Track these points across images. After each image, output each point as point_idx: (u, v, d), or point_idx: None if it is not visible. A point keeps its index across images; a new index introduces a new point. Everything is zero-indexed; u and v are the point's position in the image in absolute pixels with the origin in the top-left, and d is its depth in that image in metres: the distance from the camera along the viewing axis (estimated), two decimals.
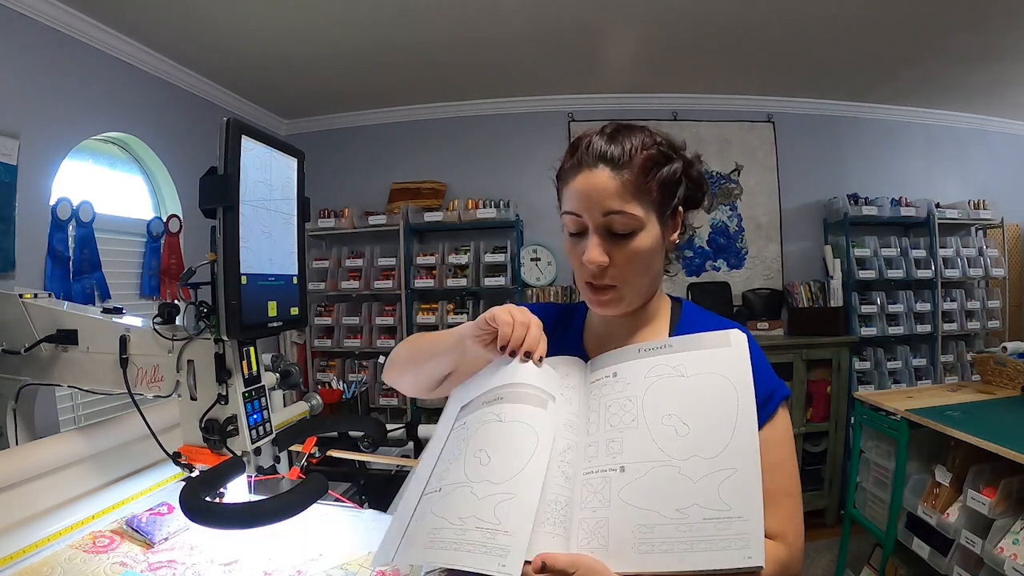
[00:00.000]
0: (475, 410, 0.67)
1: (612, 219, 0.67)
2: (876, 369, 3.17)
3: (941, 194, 3.44)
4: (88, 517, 1.03)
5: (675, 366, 0.66)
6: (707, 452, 0.59)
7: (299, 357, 3.31)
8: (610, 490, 0.59)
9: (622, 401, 0.65)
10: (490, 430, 0.63)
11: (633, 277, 0.70)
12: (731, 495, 0.57)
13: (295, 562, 0.91)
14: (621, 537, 0.57)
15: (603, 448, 0.63)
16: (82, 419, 2.04)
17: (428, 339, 0.83)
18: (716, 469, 0.58)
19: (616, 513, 0.58)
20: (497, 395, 0.66)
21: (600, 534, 0.57)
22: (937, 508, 1.73)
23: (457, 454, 0.63)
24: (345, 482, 1.56)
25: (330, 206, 3.30)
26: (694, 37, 2.52)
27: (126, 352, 1.01)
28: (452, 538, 0.55)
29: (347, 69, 2.76)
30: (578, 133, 0.75)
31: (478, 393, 0.69)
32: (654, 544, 0.56)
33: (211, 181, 0.86)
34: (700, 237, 3.39)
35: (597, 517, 0.58)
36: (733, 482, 0.57)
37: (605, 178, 0.67)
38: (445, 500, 0.59)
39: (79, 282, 2.05)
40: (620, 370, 0.69)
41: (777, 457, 0.65)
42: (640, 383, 0.66)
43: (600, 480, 0.60)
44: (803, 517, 0.67)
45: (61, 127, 2.05)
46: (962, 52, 2.65)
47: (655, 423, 0.62)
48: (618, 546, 0.56)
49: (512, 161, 3.29)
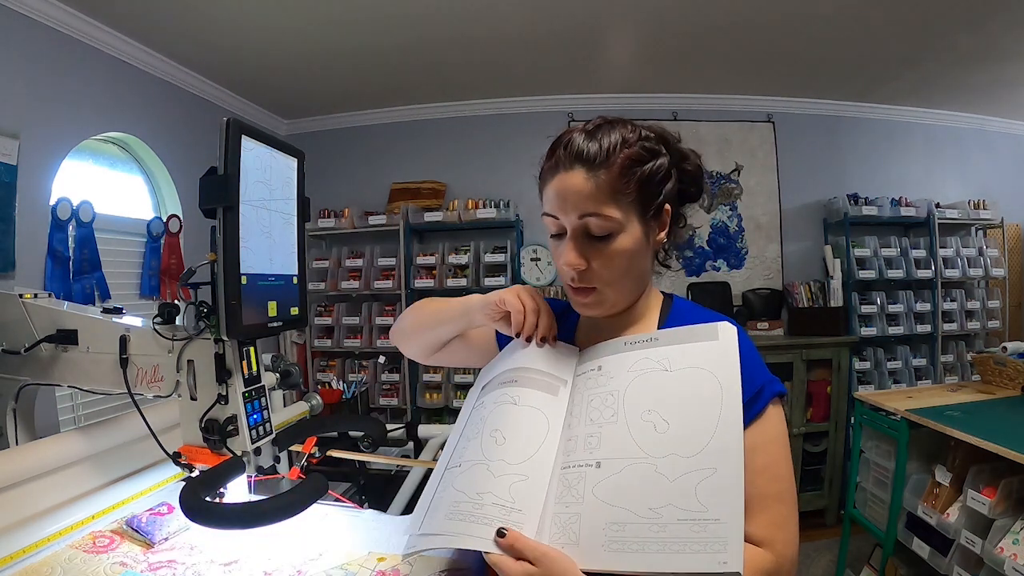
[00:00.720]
0: (493, 390, 0.70)
1: (588, 221, 0.66)
2: (876, 369, 3.17)
3: (941, 194, 3.44)
4: (88, 517, 1.03)
5: (659, 360, 0.64)
6: (686, 450, 0.57)
7: (299, 357, 3.31)
8: (584, 485, 0.58)
9: (604, 395, 0.65)
10: (505, 412, 0.66)
11: (614, 279, 0.69)
12: (709, 496, 0.54)
13: (295, 562, 0.91)
14: (592, 534, 0.56)
15: (581, 443, 0.62)
16: (82, 419, 2.04)
17: (434, 307, 0.86)
18: (694, 468, 0.56)
19: (589, 509, 0.57)
20: (512, 377, 0.69)
21: (572, 530, 0.56)
22: (937, 508, 1.73)
23: (476, 432, 0.66)
24: (345, 482, 1.56)
25: (330, 206, 3.30)
26: (694, 37, 2.52)
27: (126, 352, 1.00)
28: (470, 510, 0.58)
29: (347, 69, 2.77)
30: None
31: (496, 373, 0.72)
32: (625, 543, 0.54)
33: (211, 181, 0.86)
34: (700, 237, 3.39)
35: (570, 512, 0.58)
36: (711, 482, 0.55)
37: (580, 180, 0.65)
38: (464, 475, 0.62)
39: (79, 282, 2.05)
40: (605, 364, 0.68)
41: (766, 460, 0.62)
42: (623, 377, 0.65)
43: (576, 475, 0.60)
44: (797, 524, 0.62)
45: (61, 127, 2.05)
46: (962, 52, 2.65)
47: (635, 418, 0.61)
48: (589, 543, 0.55)
49: (512, 161, 3.28)
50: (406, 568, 0.89)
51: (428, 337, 0.88)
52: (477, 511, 0.57)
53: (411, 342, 0.91)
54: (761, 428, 0.63)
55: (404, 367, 3.16)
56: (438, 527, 0.59)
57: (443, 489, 0.63)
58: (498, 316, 0.73)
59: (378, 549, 0.95)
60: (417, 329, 0.89)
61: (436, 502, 0.62)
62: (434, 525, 0.60)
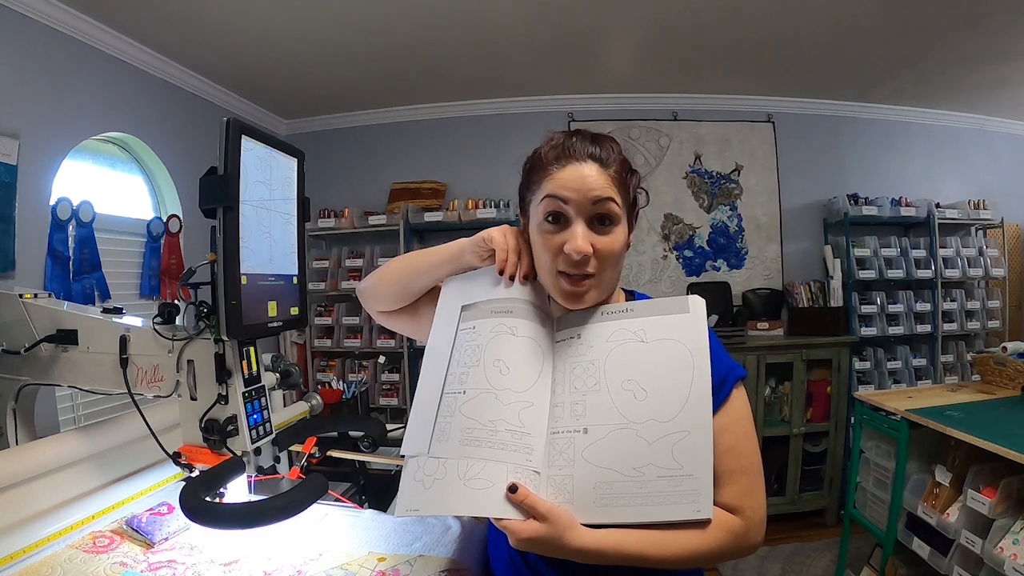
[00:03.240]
0: (484, 317, 0.74)
1: (600, 206, 0.71)
2: (876, 369, 3.17)
3: (941, 194, 3.44)
4: (88, 517, 1.03)
5: (635, 331, 0.71)
6: (662, 416, 0.65)
7: (299, 357, 3.31)
8: (574, 450, 0.66)
9: (585, 364, 0.71)
10: (506, 342, 0.70)
11: (608, 269, 0.73)
12: (683, 455, 0.63)
13: (295, 562, 0.91)
14: (584, 493, 0.64)
15: (568, 410, 0.68)
16: (82, 419, 2.04)
17: (421, 254, 0.88)
18: (670, 432, 0.64)
19: (580, 471, 0.65)
20: (506, 307, 0.73)
21: (566, 489, 0.64)
22: (937, 508, 1.73)
23: (475, 359, 0.70)
24: (345, 482, 1.56)
25: (330, 206, 3.30)
26: (694, 37, 2.52)
27: (126, 352, 1.00)
28: (485, 438, 0.64)
29: (347, 69, 2.77)
30: None
31: (483, 298, 0.76)
32: (613, 499, 0.63)
33: (211, 181, 0.86)
34: (700, 237, 3.39)
35: (563, 475, 0.65)
36: (685, 444, 0.63)
37: (596, 171, 0.71)
38: (472, 403, 0.67)
39: (79, 282, 2.05)
40: (584, 332, 0.73)
41: (733, 440, 0.69)
42: (602, 347, 0.71)
43: (565, 440, 0.67)
44: (764, 493, 0.70)
45: (61, 127, 2.04)
46: (962, 52, 2.65)
47: (616, 388, 0.68)
48: (582, 500, 0.63)
49: (512, 161, 3.18)
50: (406, 568, 0.89)
51: (411, 285, 0.87)
52: (492, 437, 0.64)
53: (389, 287, 0.89)
54: (727, 411, 0.70)
55: (404, 367, 3.16)
56: (455, 451, 0.64)
57: (449, 414, 0.67)
58: (486, 255, 0.78)
59: (378, 549, 0.95)
60: (404, 273, 0.88)
61: (444, 426, 0.67)
62: (449, 450, 0.65)
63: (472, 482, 0.62)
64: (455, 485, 0.62)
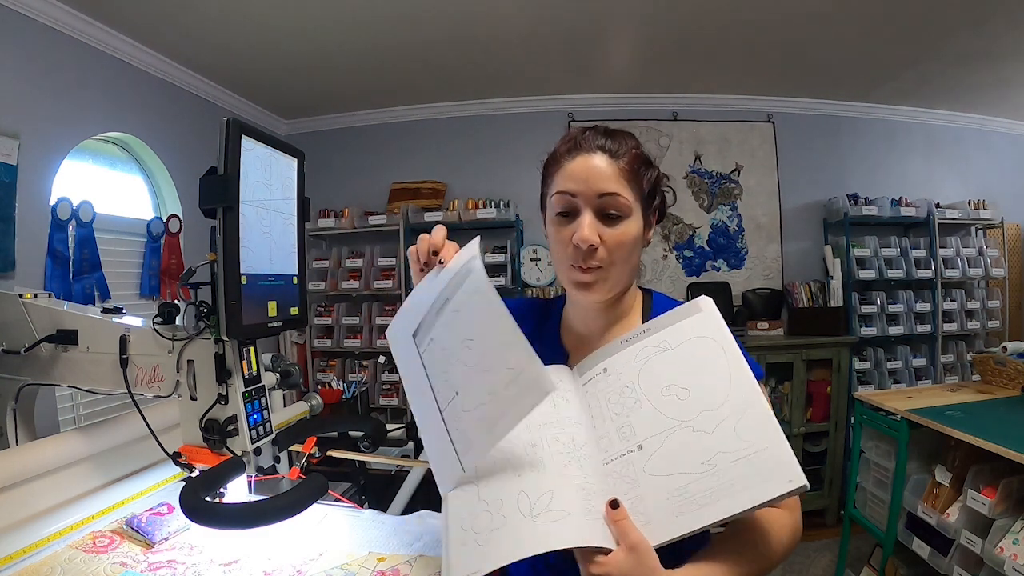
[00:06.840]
0: (431, 325, 0.68)
1: (607, 200, 0.70)
2: (876, 369, 3.17)
3: (941, 194, 3.43)
4: (88, 517, 1.03)
5: (658, 344, 0.68)
6: (713, 404, 0.61)
7: (299, 357, 3.31)
8: (634, 470, 0.61)
9: (619, 389, 0.68)
10: (457, 322, 0.65)
11: (618, 261, 0.72)
12: (749, 432, 0.58)
13: (295, 562, 0.91)
14: (659, 507, 0.58)
15: (615, 436, 0.64)
16: (82, 419, 2.04)
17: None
18: (727, 415, 0.60)
19: (647, 488, 0.59)
20: (443, 299, 0.67)
21: (639, 512, 0.58)
22: (937, 508, 1.73)
23: (447, 357, 0.65)
24: (345, 482, 1.56)
25: (330, 206, 3.30)
26: (694, 37, 2.52)
27: (126, 352, 1.00)
28: (492, 410, 0.60)
29: (347, 69, 2.77)
30: None
31: (422, 313, 0.69)
32: (693, 501, 0.57)
33: (211, 181, 0.86)
34: (700, 237, 3.39)
35: (630, 498, 0.59)
36: (746, 420, 0.59)
37: (604, 163, 0.71)
38: (467, 392, 0.62)
39: (79, 282, 2.05)
40: (608, 365, 0.71)
41: None
42: (631, 370, 0.68)
43: (622, 465, 0.62)
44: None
45: (61, 127, 2.05)
46: (962, 52, 2.65)
47: (657, 397, 0.64)
48: (660, 516, 0.58)
49: (512, 161, 3.28)
50: (406, 568, 0.89)
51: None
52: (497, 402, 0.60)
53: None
54: None
55: None
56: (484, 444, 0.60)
57: (456, 420, 0.63)
58: (417, 268, 0.74)
59: (378, 549, 0.95)
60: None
61: (459, 436, 0.62)
62: (476, 453, 0.61)
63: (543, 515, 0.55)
64: (524, 527, 0.55)
